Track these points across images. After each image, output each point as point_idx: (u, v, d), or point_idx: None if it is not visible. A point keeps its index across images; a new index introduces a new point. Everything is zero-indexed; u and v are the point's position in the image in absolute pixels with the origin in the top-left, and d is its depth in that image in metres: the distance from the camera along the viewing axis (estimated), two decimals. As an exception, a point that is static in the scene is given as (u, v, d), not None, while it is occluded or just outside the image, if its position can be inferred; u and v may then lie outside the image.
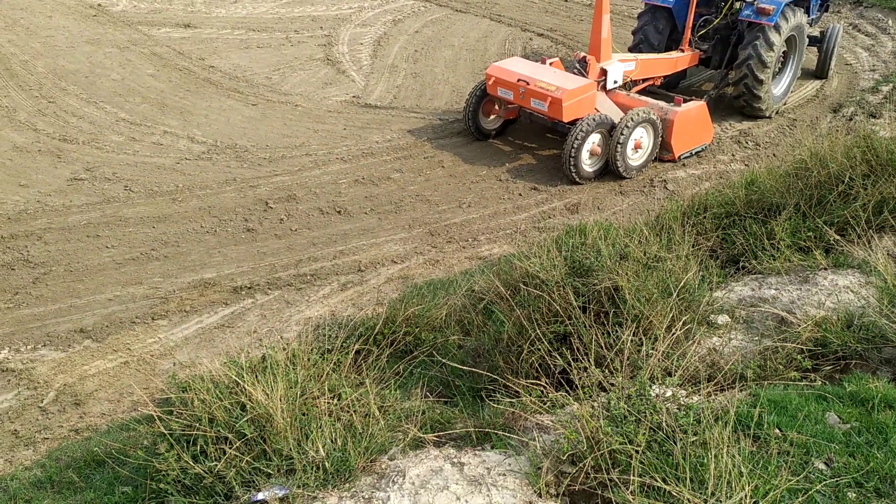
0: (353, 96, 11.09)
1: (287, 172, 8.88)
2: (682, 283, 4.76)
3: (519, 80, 8.80)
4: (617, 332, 4.34)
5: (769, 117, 10.21)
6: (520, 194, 8.61)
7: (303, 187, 8.57)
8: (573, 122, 8.59)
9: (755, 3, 9.40)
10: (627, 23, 13.34)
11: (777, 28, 9.38)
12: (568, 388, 4.11)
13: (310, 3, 15.40)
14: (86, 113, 10.19)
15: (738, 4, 9.89)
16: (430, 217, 8.14)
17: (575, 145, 8.40)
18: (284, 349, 4.64)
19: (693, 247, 5.60)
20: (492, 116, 9.74)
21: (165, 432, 3.82)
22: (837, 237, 5.38)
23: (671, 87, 10.98)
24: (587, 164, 8.74)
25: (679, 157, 9.19)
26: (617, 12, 14.47)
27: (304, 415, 3.86)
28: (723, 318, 4.89)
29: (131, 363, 6.01)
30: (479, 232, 7.92)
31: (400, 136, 9.82)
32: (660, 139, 8.91)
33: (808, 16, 10.82)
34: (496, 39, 13.45)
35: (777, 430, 3.40)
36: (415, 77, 11.85)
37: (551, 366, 4.39)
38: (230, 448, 3.65)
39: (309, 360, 4.46)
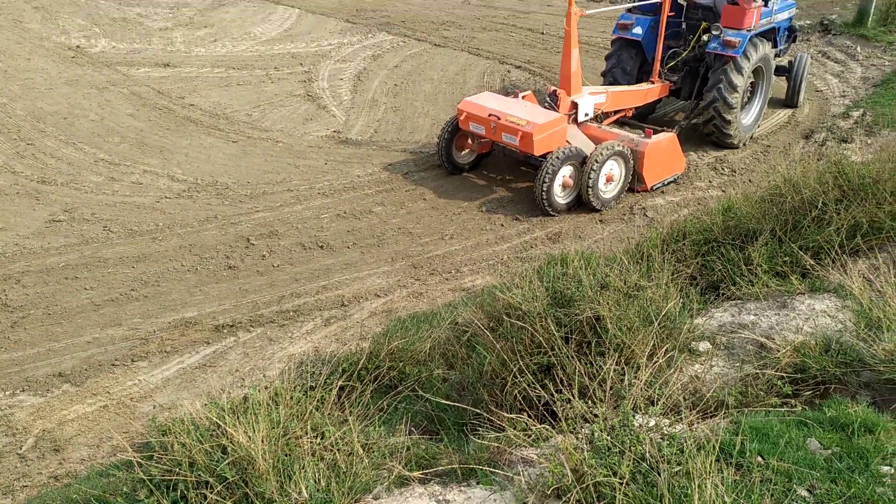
0: (334, 131, 11.16)
1: (268, 208, 8.88)
2: (663, 311, 4.79)
3: (490, 115, 8.87)
4: (599, 361, 4.35)
5: (739, 147, 10.35)
6: (501, 225, 8.66)
7: (284, 223, 8.57)
8: (545, 156, 8.66)
9: (721, 35, 9.59)
10: (603, 54, 13.54)
11: (743, 60, 9.57)
12: (552, 420, 4.10)
13: (289, 40, 15.54)
14: (64, 154, 10.16)
15: (705, 37, 10.09)
16: (413, 250, 8.16)
17: (546, 178, 8.47)
18: (266, 388, 4.60)
19: (673, 274, 5.64)
20: (465, 151, 9.79)
21: (145, 478, 3.76)
22: (812, 262, 5.45)
23: (645, 117, 11.13)
24: (560, 197, 8.80)
25: (651, 188, 9.28)
26: (593, 44, 14.73)
27: (286, 455, 3.82)
28: (704, 345, 4.92)
29: (111, 407, 5.93)
30: (461, 263, 7.94)
31: (381, 170, 9.87)
32: (631, 171, 8.98)
33: (776, 47, 11.04)
34: (475, 72, 13.61)
35: (759, 458, 3.41)
36: (395, 111, 11.95)
37: (535, 398, 4.38)
38: (211, 493, 3.60)
39: (292, 398, 4.42)
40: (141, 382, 6.19)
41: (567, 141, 8.93)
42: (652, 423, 3.67)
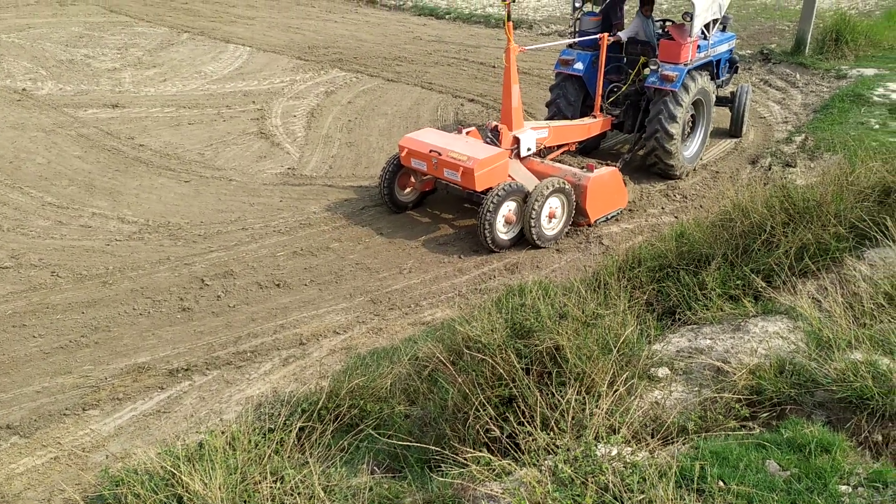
0: (289, 168, 11.10)
1: (223, 248, 8.76)
2: (621, 339, 4.82)
3: (431, 151, 8.85)
4: (561, 391, 4.35)
5: (682, 177, 10.52)
6: (459, 257, 8.67)
7: (240, 262, 8.46)
8: (487, 192, 8.62)
9: (659, 70, 9.84)
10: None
11: (682, 92, 9.79)
12: (516, 452, 4.08)
13: (241, 78, 15.50)
14: (10, 199, 9.91)
15: (646, 71, 10.34)
16: (372, 285, 8.11)
17: (488, 214, 8.42)
18: (223, 432, 4.49)
19: (630, 301, 5.70)
20: (408, 189, 9.72)
21: (97, 533, 3.63)
22: (764, 284, 5.56)
23: (591, 150, 11.29)
24: (502, 233, 8.74)
25: (595, 222, 9.31)
26: (544, 76, 15.00)
27: (245, 502, 3.72)
28: (663, 371, 4.96)
29: (62, 458, 5.72)
30: (420, 297, 7.91)
31: (337, 206, 9.84)
32: (574, 206, 8.98)
33: (718, 78, 11.36)
34: (428, 107, 13.73)
35: (721, 483, 3.43)
36: (350, 146, 11.96)
37: (498, 431, 4.35)
38: (167, 545, 3.48)
39: (250, 442, 4.33)
40: (93, 432, 5.99)
41: (509, 176, 8.92)
42: (614, 452, 3.67)
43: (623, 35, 10.60)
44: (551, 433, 3.90)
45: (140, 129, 12.56)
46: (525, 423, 4.09)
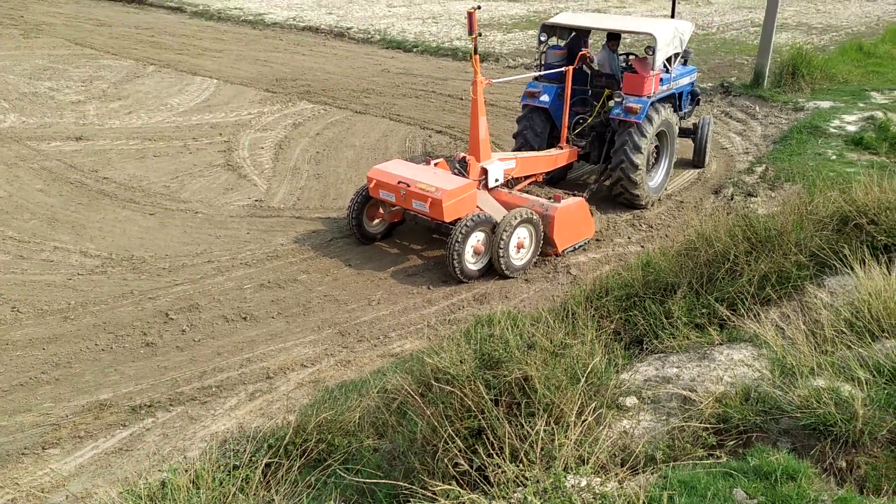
0: (256, 200, 11.05)
1: (188, 281, 8.65)
2: (589, 368, 4.83)
3: (399, 182, 8.88)
4: (529, 422, 4.33)
5: (648, 207, 10.69)
6: (428, 287, 8.66)
7: (205, 295, 8.35)
8: (455, 222, 8.68)
9: (623, 102, 10.05)
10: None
11: (646, 124, 10.00)
12: (486, 484, 4.04)
13: (208, 110, 15.45)
14: (-31, 232, 9.71)
15: (610, 103, 10.55)
16: (340, 317, 8.05)
17: (456, 245, 8.46)
18: (187, 470, 4.39)
19: (597, 330, 5.72)
20: (376, 220, 9.73)
21: (54, 578, 3.50)
22: (728, 313, 5.63)
23: (558, 181, 11.45)
24: (471, 263, 8.78)
25: (563, 252, 9.40)
26: (511, 108, 15.19)
27: (208, 542, 3.63)
28: (631, 400, 4.97)
29: (19, 500, 5.54)
30: (389, 329, 7.87)
31: (305, 238, 9.79)
32: (542, 236, 9.06)
33: (680, 110, 11.63)
34: (396, 138, 13.80)
35: (689, 512, 3.44)
36: (318, 178, 11.94)
37: (467, 463, 4.32)
38: (127, 589, 3.37)
39: (214, 479, 4.24)
40: (52, 471, 5.81)
41: (478, 207, 8.99)
42: (583, 483, 3.66)
43: (596, 57, 10.85)
44: (520, 465, 3.87)
45: (104, 161, 12.42)
46: (494, 454, 4.06)
